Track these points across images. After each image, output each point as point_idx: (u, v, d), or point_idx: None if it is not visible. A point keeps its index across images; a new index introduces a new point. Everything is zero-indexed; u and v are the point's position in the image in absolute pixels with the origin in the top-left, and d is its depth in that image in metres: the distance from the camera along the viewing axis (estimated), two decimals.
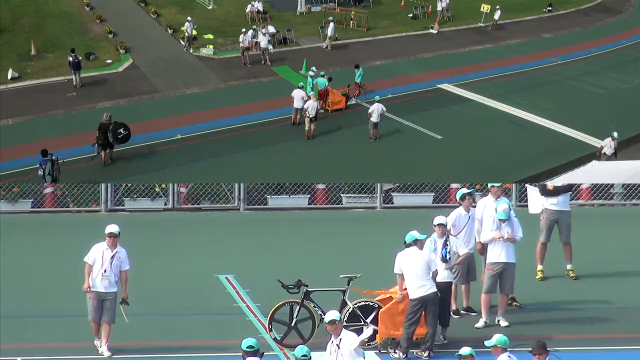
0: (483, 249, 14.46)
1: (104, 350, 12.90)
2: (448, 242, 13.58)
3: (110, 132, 22.76)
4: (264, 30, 34.47)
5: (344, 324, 13.36)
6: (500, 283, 14.28)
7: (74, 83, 29.23)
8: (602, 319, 14.70)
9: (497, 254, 14.20)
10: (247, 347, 10.72)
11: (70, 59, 28.96)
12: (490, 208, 14.52)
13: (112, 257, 12.91)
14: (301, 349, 10.53)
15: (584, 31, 45.48)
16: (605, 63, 38.28)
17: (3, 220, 19.30)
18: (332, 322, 11.03)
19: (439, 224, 13.60)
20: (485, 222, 14.43)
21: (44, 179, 20.54)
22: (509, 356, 10.74)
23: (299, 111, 26.50)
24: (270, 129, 26.60)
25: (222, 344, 12.97)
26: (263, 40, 33.54)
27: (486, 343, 10.92)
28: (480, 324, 14.27)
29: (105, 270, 12.82)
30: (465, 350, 10.75)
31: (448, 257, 13.53)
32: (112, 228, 13.00)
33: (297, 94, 26.45)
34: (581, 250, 16.61)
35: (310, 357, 10.44)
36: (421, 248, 13.29)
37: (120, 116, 26.55)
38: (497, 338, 10.85)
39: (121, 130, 23.04)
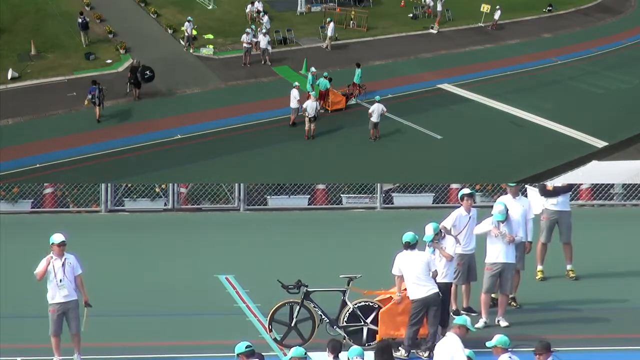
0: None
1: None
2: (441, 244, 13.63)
3: (139, 73, 28.00)
4: (264, 31, 34.47)
5: (344, 324, 13.41)
6: (499, 283, 14.29)
7: (83, 43, 33.85)
8: (602, 319, 14.70)
9: (495, 254, 14.20)
10: (245, 347, 10.70)
11: (80, 20, 33.83)
12: (509, 206, 14.56)
13: (63, 264, 12.71)
14: (297, 350, 10.56)
15: (584, 31, 45.44)
16: (605, 63, 38.25)
17: (3, 220, 19.30)
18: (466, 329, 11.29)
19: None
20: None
21: (93, 102, 25.51)
22: (510, 356, 10.74)
23: (294, 111, 26.51)
24: (270, 129, 26.59)
25: (222, 343, 12.96)
26: (263, 41, 33.54)
27: (487, 344, 10.92)
28: (480, 324, 14.27)
29: (60, 280, 12.63)
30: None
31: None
32: (59, 237, 12.77)
33: (291, 94, 26.47)
34: (581, 251, 16.61)
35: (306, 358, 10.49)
36: (421, 249, 13.32)
37: (120, 116, 26.72)
38: (497, 338, 10.86)
39: (147, 72, 28.42)
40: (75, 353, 12.78)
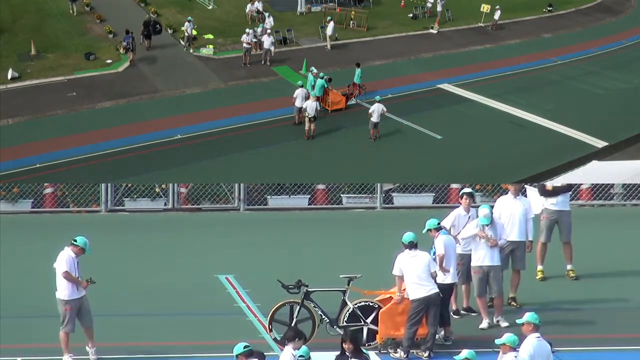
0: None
1: (91, 352, 12.91)
2: (433, 245, 13.61)
3: (151, 27, 33.62)
4: (269, 31, 34.44)
5: (344, 324, 13.41)
6: (489, 287, 14.24)
7: (71, 11, 38.23)
8: (602, 319, 14.69)
9: (480, 257, 14.16)
10: (244, 348, 10.70)
11: None
12: (509, 206, 14.81)
13: (78, 262, 12.96)
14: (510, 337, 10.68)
15: (584, 31, 45.43)
16: (605, 63, 38.24)
17: (3, 220, 19.31)
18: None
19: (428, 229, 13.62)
20: (501, 219, 14.57)
21: (128, 49, 31.63)
22: (515, 356, 10.67)
23: (298, 110, 26.48)
24: (270, 129, 26.58)
25: (222, 343, 12.95)
26: (267, 41, 33.49)
27: (496, 341, 10.86)
28: (484, 324, 14.22)
29: (78, 277, 12.88)
30: (463, 354, 10.72)
31: (434, 257, 13.53)
32: (83, 240, 13.00)
33: (299, 93, 26.41)
34: (581, 250, 16.61)
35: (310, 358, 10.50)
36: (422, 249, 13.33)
37: (120, 116, 26.71)
38: (507, 337, 10.74)
39: (157, 25, 34.56)
40: (91, 345, 12.87)
